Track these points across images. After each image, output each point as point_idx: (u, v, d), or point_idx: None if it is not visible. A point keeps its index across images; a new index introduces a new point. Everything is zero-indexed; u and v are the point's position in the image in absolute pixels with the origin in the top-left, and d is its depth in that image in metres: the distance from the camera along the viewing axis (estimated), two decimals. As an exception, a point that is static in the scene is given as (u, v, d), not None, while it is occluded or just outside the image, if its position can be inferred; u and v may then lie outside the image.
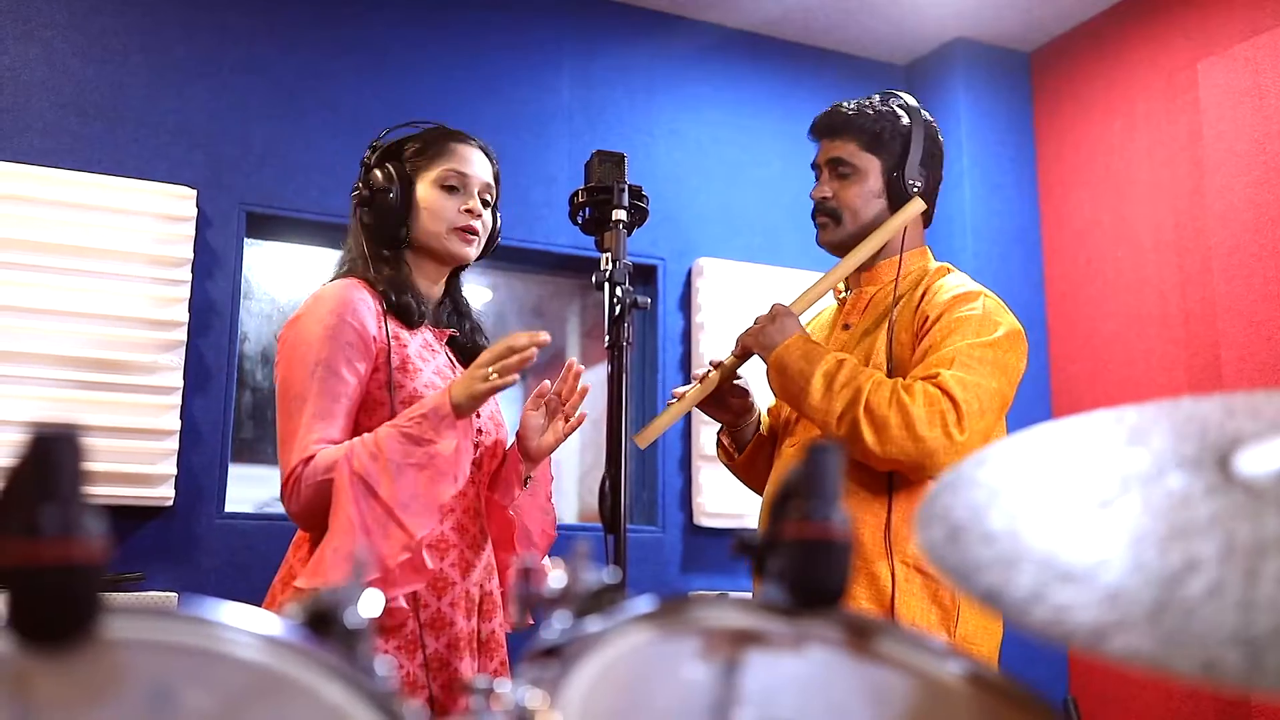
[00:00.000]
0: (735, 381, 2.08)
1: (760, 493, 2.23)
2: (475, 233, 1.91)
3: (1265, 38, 3.27)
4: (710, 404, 2.09)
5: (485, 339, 2.03)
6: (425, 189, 1.89)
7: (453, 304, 2.01)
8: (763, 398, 2.30)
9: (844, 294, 2.15)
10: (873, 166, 2.04)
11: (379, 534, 1.63)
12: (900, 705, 0.62)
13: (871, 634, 0.65)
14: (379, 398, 1.78)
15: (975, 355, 1.85)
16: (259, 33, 3.36)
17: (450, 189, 1.90)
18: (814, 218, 2.08)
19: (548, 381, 1.93)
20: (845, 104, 2.09)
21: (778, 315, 1.98)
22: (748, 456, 2.17)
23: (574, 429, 1.93)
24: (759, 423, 2.18)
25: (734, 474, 2.25)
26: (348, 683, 0.54)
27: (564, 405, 1.91)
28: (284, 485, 1.73)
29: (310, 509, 1.71)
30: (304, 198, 3.30)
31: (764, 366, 2.01)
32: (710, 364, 2.06)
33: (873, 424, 1.80)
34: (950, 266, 2.08)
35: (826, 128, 2.07)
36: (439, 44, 3.58)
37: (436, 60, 3.56)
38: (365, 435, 1.72)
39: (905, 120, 2.05)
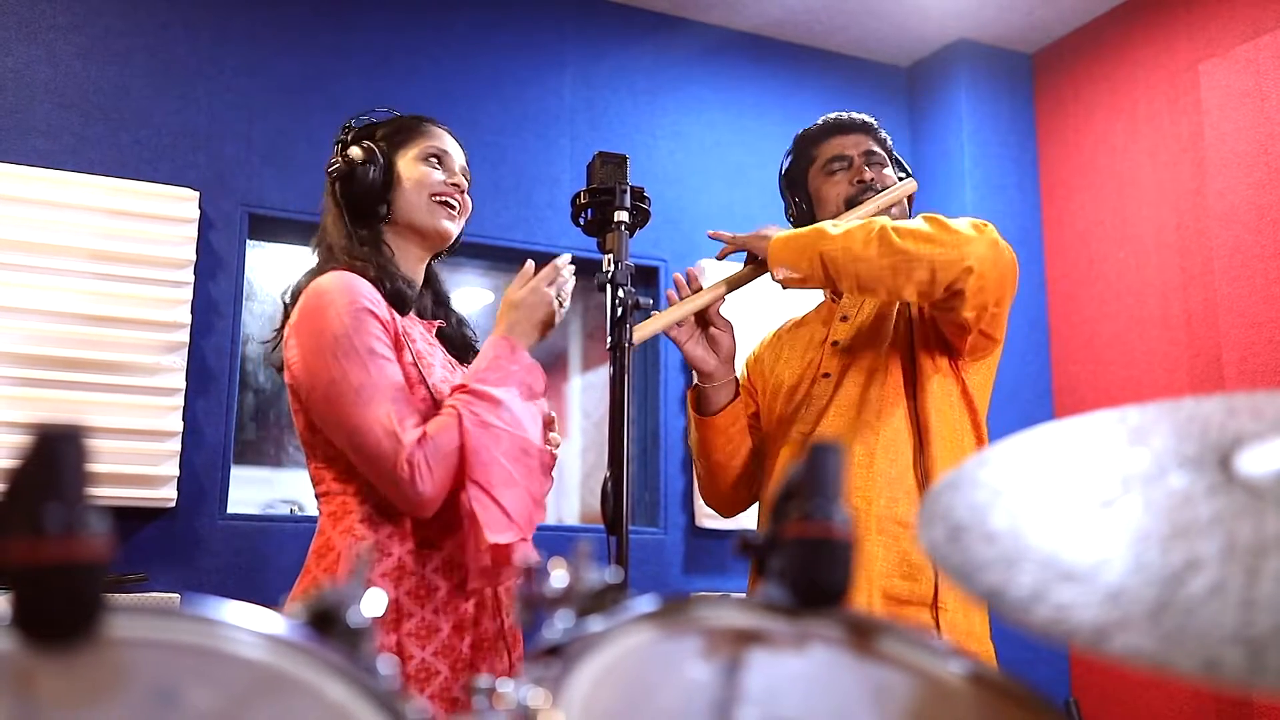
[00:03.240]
0: (720, 315, 2.10)
1: (721, 471, 2.15)
2: (455, 206, 1.90)
3: (1267, 39, 3.27)
4: (698, 329, 2.08)
5: (470, 330, 2.00)
6: (406, 164, 1.88)
7: (434, 294, 1.97)
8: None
9: (836, 293, 2.16)
10: (889, 168, 2.18)
11: (527, 474, 1.70)
12: (902, 704, 0.62)
13: (873, 633, 0.65)
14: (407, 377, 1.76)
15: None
16: (261, 34, 3.36)
17: (431, 161, 1.89)
18: (861, 200, 2.09)
19: None
20: (850, 112, 2.23)
21: (767, 226, 2.03)
22: (725, 419, 2.10)
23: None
24: (736, 386, 2.12)
25: (700, 436, 2.14)
26: (351, 681, 0.54)
27: None
28: (403, 471, 1.63)
29: (444, 488, 1.67)
30: (306, 199, 3.30)
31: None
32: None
33: (902, 233, 1.83)
34: None
35: (859, 125, 2.18)
36: (441, 45, 3.58)
37: (439, 62, 3.57)
38: (457, 396, 1.71)
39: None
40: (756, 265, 2.01)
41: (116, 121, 3.15)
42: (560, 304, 1.83)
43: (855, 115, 2.19)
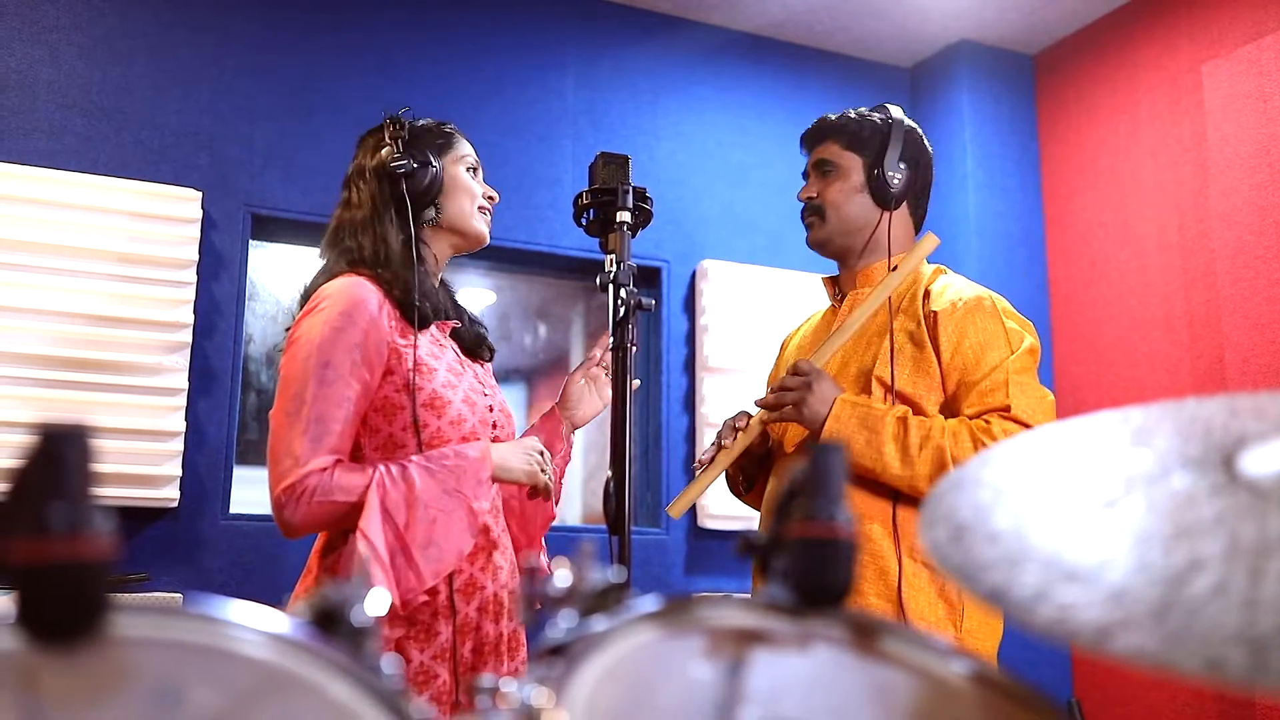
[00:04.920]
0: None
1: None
2: (491, 214, 1.99)
3: (1270, 40, 3.27)
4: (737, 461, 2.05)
5: (482, 327, 2.03)
6: (453, 170, 1.93)
7: (447, 294, 2.00)
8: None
9: (838, 296, 2.16)
10: (854, 164, 2.08)
11: (395, 572, 1.64)
12: (905, 704, 0.62)
13: (876, 633, 0.65)
14: (398, 401, 1.75)
15: (1020, 369, 1.88)
16: (264, 35, 3.36)
17: (471, 171, 1.96)
18: (803, 220, 2.11)
19: (596, 351, 2.06)
20: (831, 114, 2.16)
21: (812, 380, 1.91)
22: (761, 485, 2.15)
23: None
24: (771, 455, 2.14)
25: (747, 504, 2.23)
26: (354, 680, 0.55)
27: (606, 371, 2.03)
28: (285, 490, 1.66)
29: (312, 524, 1.69)
30: (308, 200, 3.31)
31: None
32: (734, 427, 2.00)
33: None
34: (945, 268, 2.10)
35: (813, 135, 2.14)
36: (444, 46, 3.58)
37: (441, 62, 3.57)
38: (393, 467, 1.69)
39: (884, 121, 2.10)
40: (776, 419, 1.97)
41: (119, 122, 3.15)
42: (547, 480, 1.87)
43: (816, 123, 2.14)
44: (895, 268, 2.00)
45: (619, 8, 3.86)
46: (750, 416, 2.00)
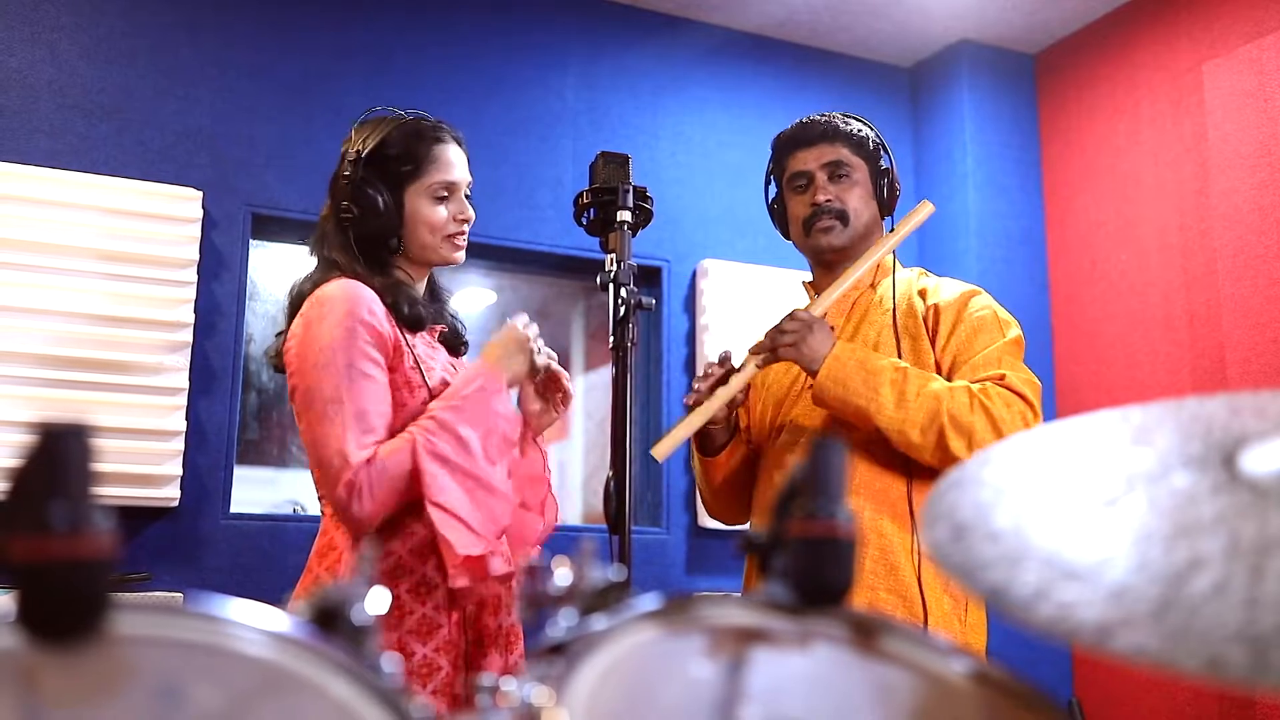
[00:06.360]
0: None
1: (727, 489, 2.15)
2: (465, 236, 1.91)
3: (1270, 39, 3.27)
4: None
5: (461, 323, 2.01)
6: (416, 201, 1.85)
7: (431, 294, 1.98)
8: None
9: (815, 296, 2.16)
10: (862, 170, 2.08)
11: (483, 505, 1.69)
12: (905, 703, 0.62)
13: (877, 632, 0.65)
14: (399, 399, 1.76)
15: (1012, 353, 1.93)
16: (264, 35, 3.36)
17: (440, 197, 1.87)
18: (813, 223, 2.05)
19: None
20: (816, 116, 2.13)
21: (810, 323, 1.92)
22: (726, 453, 2.10)
23: (568, 407, 1.99)
24: (736, 424, 2.13)
25: (703, 468, 2.15)
26: (355, 679, 0.55)
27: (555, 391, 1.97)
28: (345, 488, 1.65)
29: (382, 510, 1.68)
30: (309, 199, 3.31)
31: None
32: (716, 363, 2.01)
33: (959, 432, 1.81)
34: (925, 270, 2.14)
35: (818, 134, 2.09)
36: (444, 46, 3.58)
37: (441, 62, 3.57)
38: (423, 421, 1.72)
39: (871, 126, 2.12)
40: (770, 363, 1.97)
41: (120, 121, 3.15)
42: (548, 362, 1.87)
43: (818, 121, 2.10)
44: (894, 230, 2.04)
45: (620, 8, 3.86)
46: (729, 364, 2.00)
